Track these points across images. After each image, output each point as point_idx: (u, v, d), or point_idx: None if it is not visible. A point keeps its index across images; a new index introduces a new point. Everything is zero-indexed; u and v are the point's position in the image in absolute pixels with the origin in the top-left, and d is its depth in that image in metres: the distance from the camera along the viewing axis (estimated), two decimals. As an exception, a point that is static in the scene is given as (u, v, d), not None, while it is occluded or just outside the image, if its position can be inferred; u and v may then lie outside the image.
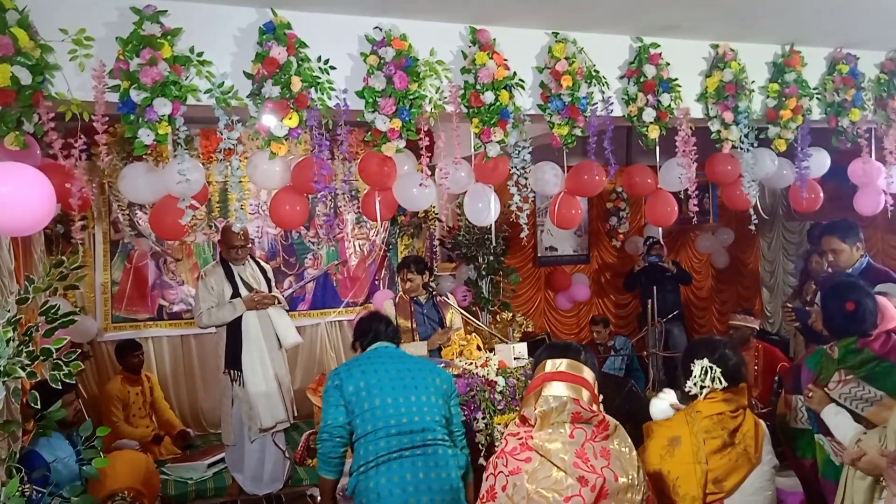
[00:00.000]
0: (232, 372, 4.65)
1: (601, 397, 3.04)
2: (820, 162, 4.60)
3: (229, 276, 4.69)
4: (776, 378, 4.98)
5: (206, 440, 6.11)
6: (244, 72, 3.32)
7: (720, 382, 2.52)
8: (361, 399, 2.85)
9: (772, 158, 4.42)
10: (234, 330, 4.64)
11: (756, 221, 4.34)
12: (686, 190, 4.16)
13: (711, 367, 2.53)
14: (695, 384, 2.51)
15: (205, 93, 3.24)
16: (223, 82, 3.24)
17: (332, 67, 3.47)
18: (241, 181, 3.56)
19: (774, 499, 2.55)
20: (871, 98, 4.62)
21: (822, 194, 4.66)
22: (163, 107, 3.06)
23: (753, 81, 4.35)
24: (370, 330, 3.17)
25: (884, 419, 2.66)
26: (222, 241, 4.82)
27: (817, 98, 4.53)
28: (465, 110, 3.73)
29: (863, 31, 4.31)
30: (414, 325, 4.60)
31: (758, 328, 5.40)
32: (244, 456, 4.74)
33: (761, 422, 2.60)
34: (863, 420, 2.74)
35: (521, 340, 5.55)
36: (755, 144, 4.29)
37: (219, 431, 5.24)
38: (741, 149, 4.26)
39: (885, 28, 4.27)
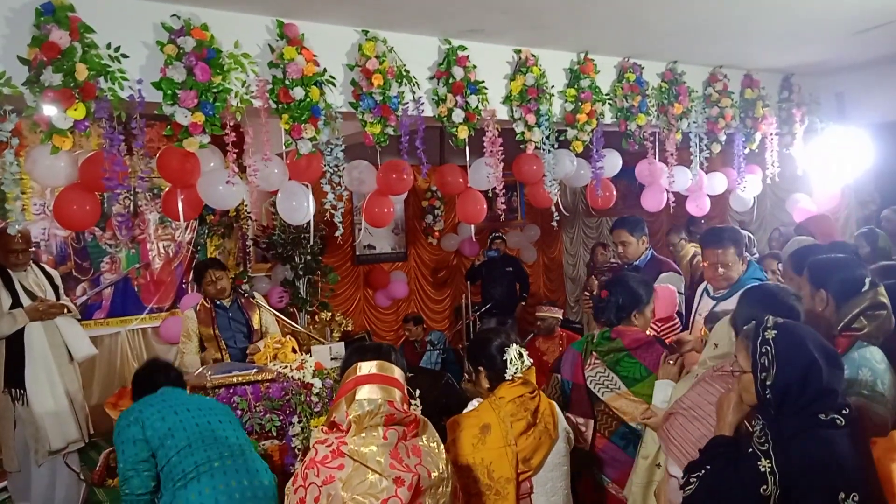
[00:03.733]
0: (14, 391, 4.20)
1: (417, 392, 3.07)
2: (612, 163, 4.99)
3: (7, 283, 4.21)
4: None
5: (-15, 468, 5.43)
6: (18, 56, 2.98)
7: (530, 360, 2.69)
8: (167, 424, 2.75)
9: (571, 159, 4.72)
10: (14, 343, 4.17)
11: (558, 218, 4.61)
12: (494, 188, 4.33)
13: (522, 350, 2.68)
14: (517, 369, 2.63)
15: (-31, 78, 2.87)
16: (-8, 67, 2.88)
17: (125, 55, 3.21)
18: (21, 178, 3.19)
19: (569, 473, 2.73)
20: (655, 105, 5.08)
21: (615, 192, 5.05)
22: (-85, 92, 2.66)
23: (553, 86, 4.62)
24: (149, 383, 3.01)
25: (617, 407, 2.95)
26: (-3, 245, 4.30)
27: (609, 103, 4.90)
28: (273, 106, 3.62)
29: (645, 43, 4.73)
30: (217, 332, 4.37)
31: (561, 317, 5.75)
32: (31, 482, 4.30)
33: (552, 401, 2.80)
34: (601, 402, 3.01)
35: (341, 340, 5.51)
36: (556, 146, 4.56)
37: (-1, 458, 4.69)
38: (543, 150, 4.50)
39: (664, 41, 4.71)
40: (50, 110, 3.01)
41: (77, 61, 3.01)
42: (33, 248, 4.45)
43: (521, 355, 2.66)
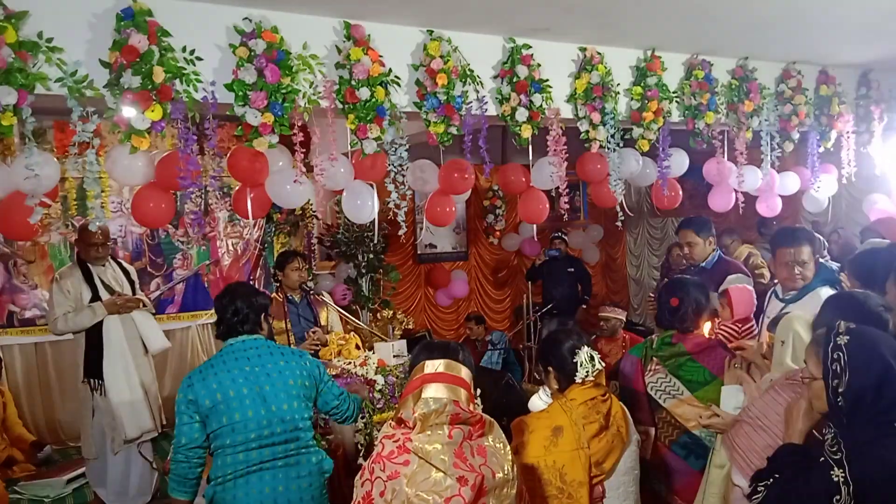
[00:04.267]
0: (92, 381, 4.38)
1: (478, 391, 3.06)
2: (679, 162, 4.88)
3: (88, 278, 4.39)
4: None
5: (65, 454, 5.70)
6: (100, 60, 3.11)
7: (601, 364, 2.63)
8: (219, 412, 2.66)
9: (636, 158, 4.64)
10: (94, 336, 4.36)
11: (623, 218, 4.55)
12: (557, 188, 4.30)
13: (594, 353, 2.62)
14: (587, 372, 2.58)
15: (56, 81, 3.01)
16: (76, 71, 3.02)
17: (199, 58, 3.31)
18: (101, 177, 3.33)
19: (639, 478, 2.68)
20: (724, 102, 4.95)
21: (681, 192, 4.94)
22: (7, 95, 2.82)
23: (619, 84, 4.55)
24: (220, 321, 2.86)
25: (679, 414, 2.87)
26: (79, 240, 4.51)
27: (676, 101, 4.79)
28: (340, 106, 3.68)
29: (715, 39, 4.61)
30: (289, 326, 4.48)
31: (625, 319, 5.67)
32: (107, 469, 4.48)
33: (623, 405, 2.73)
34: (663, 410, 2.93)
35: (402, 337, 5.56)
36: (621, 144, 4.49)
37: (78, 445, 4.91)
38: (608, 148, 4.44)
39: (735, 37, 4.58)
40: (129, 111, 3.12)
41: (154, 64, 3.12)
42: (112, 243, 4.63)
43: (592, 358, 2.60)
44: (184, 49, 3.27)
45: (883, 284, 2.82)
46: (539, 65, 4.23)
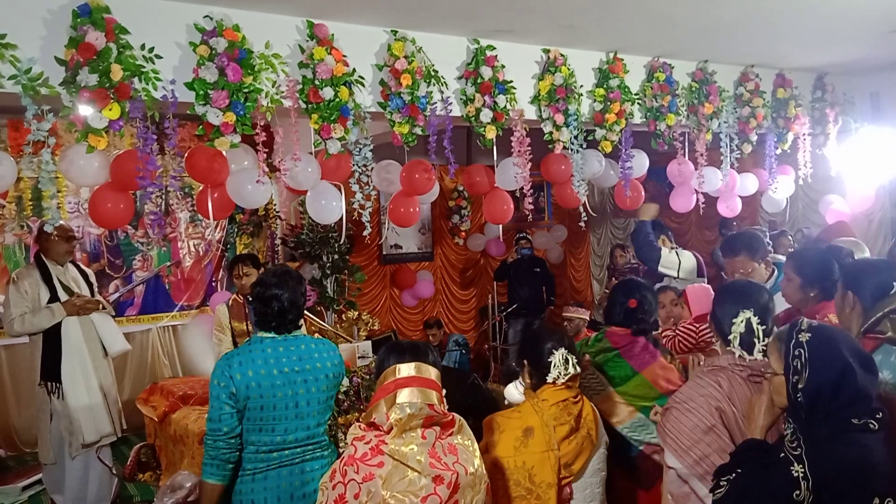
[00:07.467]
0: (50, 384, 4.29)
1: (444, 391, 3.07)
2: (641, 163, 4.95)
3: (46, 278, 4.31)
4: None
5: (21, 461, 5.56)
6: (56, 57, 3.03)
7: (576, 369, 2.61)
8: (253, 410, 2.62)
9: (599, 159, 4.68)
10: (51, 338, 4.27)
11: (586, 218, 4.59)
12: (521, 188, 4.32)
13: (570, 357, 2.60)
14: (559, 374, 2.57)
15: (9, 79, 2.93)
16: (31, 68, 2.94)
17: (158, 56, 3.25)
18: (57, 177, 3.26)
19: (606, 479, 2.71)
20: (685, 104, 5.03)
21: (643, 193, 5.00)
22: (-43, 93, 2.73)
23: (582, 86, 4.59)
24: (263, 314, 2.73)
25: (604, 411, 2.92)
26: (45, 238, 4.39)
27: (638, 103, 4.85)
28: (303, 106, 3.65)
29: (676, 42, 4.68)
30: (250, 328, 4.43)
31: (588, 319, 5.72)
32: (65, 475, 4.38)
33: (594, 407, 2.75)
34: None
35: (368, 338, 5.54)
36: (584, 146, 4.53)
37: (35, 450, 4.79)
38: (571, 150, 4.47)
39: (695, 40, 4.66)
40: (86, 110, 3.05)
41: (112, 62, 3.05)
42: (75, 241, 4.55)
43: (567, 361, 2.58)
44: (143, 47, 3.21)
45: (818, 283, 2.98)
46: (503, 66, 4.25)
